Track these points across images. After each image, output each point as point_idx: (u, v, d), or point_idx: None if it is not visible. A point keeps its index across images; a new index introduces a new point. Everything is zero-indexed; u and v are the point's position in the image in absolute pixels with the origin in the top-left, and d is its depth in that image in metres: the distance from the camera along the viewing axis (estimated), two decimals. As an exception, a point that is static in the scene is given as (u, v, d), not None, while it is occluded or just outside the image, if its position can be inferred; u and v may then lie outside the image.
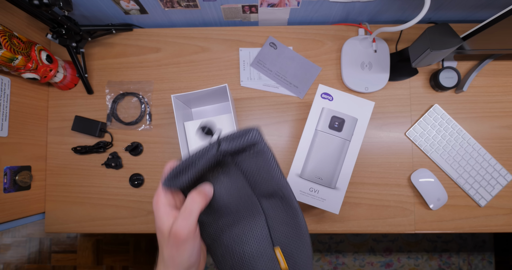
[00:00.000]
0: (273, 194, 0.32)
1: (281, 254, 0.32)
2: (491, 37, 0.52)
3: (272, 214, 0.33)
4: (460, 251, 1.43)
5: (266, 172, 0.31)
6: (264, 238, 0.33)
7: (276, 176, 0.31)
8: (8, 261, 1.46)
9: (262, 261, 0.32)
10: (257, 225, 0.33)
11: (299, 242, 0.33)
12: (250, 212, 0.33)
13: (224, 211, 0.33)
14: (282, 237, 0.33)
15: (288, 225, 0.33)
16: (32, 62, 0.56)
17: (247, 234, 0.33)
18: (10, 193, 0.58)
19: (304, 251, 0.33)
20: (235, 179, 0.32)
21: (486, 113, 0.67)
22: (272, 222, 0.33)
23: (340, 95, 0.53)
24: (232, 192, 0.32)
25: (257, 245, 0.32)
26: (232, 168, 0.31)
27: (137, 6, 0.63)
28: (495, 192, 0.65)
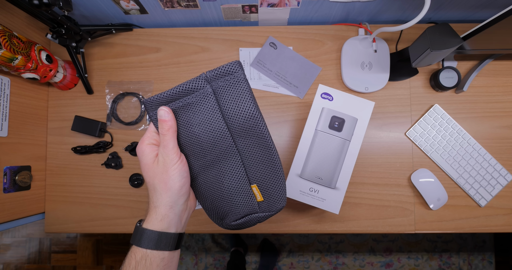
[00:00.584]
0: (248, 131, 0.34)
1: (257, 189, 0.37)
2: (491, 37, 0.52)
3: (248, 154, 0.36)
4: (460, 251, 1.43)
5: (241, 104, 0.33)
6: (241, 177, 0.36)
7: (250, 109, 0.33)
8: (8, 261, 1.46)
9: (240, 196, 0.36)
10: (233, 166, 0.36)
11: (274, 177, 0.36)
12: (226, 153, 0.35)
13: (200, 152, 0.35)
14: (258, 174, 0.36)
15: (264, 163, 0.36)
16: (32, 62, 0.56)
17: (224, 174, 0.36)
18: (10, 193, 0.58)
19: (278, 183, 0.36)
20: (211, 112, 0.33)
21: (486, 113, 0.67)
22: (248, 161, 0.36)
23: (340, 95, 0.53)
24: (207, 127, 0.34)
25: (234, 183, 0.36)
26: (210, 98, 0.33)
27: (137, 6, 0.63)
28: (495, 192, 0.65)
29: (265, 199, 0.37)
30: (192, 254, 1.45)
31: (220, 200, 0.37)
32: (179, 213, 0.33)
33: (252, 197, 0.37)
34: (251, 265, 1.43)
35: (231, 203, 0.36)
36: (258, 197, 0.37)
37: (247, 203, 0.37)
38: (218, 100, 0.33)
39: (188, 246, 1.45)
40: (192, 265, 1.45)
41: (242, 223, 0.38)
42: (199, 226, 0.66)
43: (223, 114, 0.33)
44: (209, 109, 0.33)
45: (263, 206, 0.37)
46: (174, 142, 0.33)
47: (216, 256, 1.44)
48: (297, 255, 1.44)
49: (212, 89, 0.33)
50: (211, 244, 1.45)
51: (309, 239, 1.44)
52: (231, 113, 0.33)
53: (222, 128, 0.34)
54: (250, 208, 0.37)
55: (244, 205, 0.37)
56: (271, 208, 0.37)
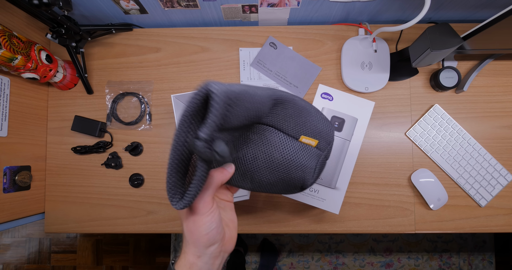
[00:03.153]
0: (273, 104, 0.33)
1: (306, 138, 0.35)
2: (491, 37, 0.52)
3: (277, 120, 0.34)
4: (461, 251, 1.43)
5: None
6: (285, 140, 0.35)
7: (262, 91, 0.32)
8: (7, 261, 1.46)
9: (301, 156, 0.35)
10: (269, 136, 0.34)
11: (313, 121, 0.36)
12: (258, 134, 0.34)
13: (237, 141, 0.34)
14: (299, 127, 0.35)
15: (297, 116, 0.35)
16: (31, 62, 0.56)
17: (270, 148, 0.34)
18: (9, 193, 0.58)
19: (321, 123, 0.36)
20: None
21: (487, 113, 0.67)
22: (281, 124, 0.34)
23: (340, 95, 0.53)
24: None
25: (285, 150, 0.34)
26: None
27: (137, 6, 0.63)
28: (496, 192, 0.65)
29: (319, 139, 0.36)
30: (192, 254, 1.45)
31: (289, 172, 0.35)
32: (209, 260, 0.31)
33: (308, 148, 0.36)
34: (251, 265, 1.43)
35: (299, 167, 0.35)
36: (312, 143, 0.36)
37: (311, 155, 0.36)
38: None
39: (188, 246, 1.45)
40: (192, 265, 1.44)
41: (317, 175, 0.38)
42: (199, 226, 0.65)
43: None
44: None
45: (321, 146, 0.37)
46: (214, 191, 0.30)
47: (216, 256, 1.44)
48: (297, 255, 1.44)
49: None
50: (211, 244, 1.45)
51: (309, 239, 1.44)
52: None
53: (253, 118, 0.33)
54: (315, 157, 0.36)
55: (311, 159, 0.36)
56: (327, 138, 0.37)
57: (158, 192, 0.67)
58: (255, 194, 0.66)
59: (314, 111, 0.36)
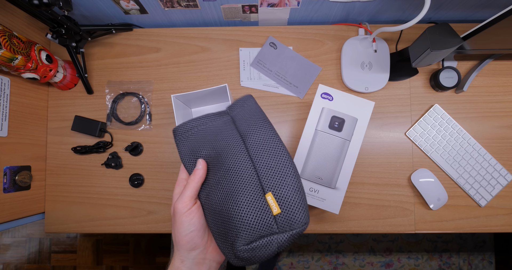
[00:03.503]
0: (262, 141, 0.34)
1: (273, 198, 0.30)
2: (491, 37, 0.52)
3: (261, 162, 0.32)
4: (460, 251, 1.43)
5: (255, 119, 0.37)
6: (252, 182, 0.31)
7: (261, 119, 0.37)
8: (8, 261, 1.46)
9: (252, 209, 0.30)
10: (241, 167, 0.32)
11: (291, 181, 0.30)
12: (231, 150, 0.34)
13: (214, 165, 0.35)
14: (273, 180, 0.31)
15: (276, 169, 0.31)
16: (32, 62, 0.56)
17: (231, 177, 0.32)
18: (10, 193, 0.58)
19: (297, 190, 0.30)
20: (228, 128, 0.37)
21: (487, 113, 0.67)
22: (260, 162, 0.32)
23: (340, 95, 0.53)
24: (221, 141, 0.36)
25: (244, 189, 0.31)
26: (227, 119, 0.39)
27: (137, 6, 0.63)
28: (496, 192, 0.65)
29: (282, 211, 0.29)
30: (192, 254, 1.45)
31: (228, 217, 0.30)
32: (192, 266, 0.31)
33: (267, 211, 0.29)
34: (251, 265, 1.43)
35: (241, 217, 0.29)
36: (274, 209, 0.29)
37: (261, 218, 0.29)
38: (235, 122, 0.39)
39: (188, 246, 1.45)
40: (192, 265, 1.44)
41: (256, 248, 0.29)
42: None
43: (241, 135, 0.36)
44: (223, 122, 0.39)
45: (281, 221, 0.29)
46: (192, 190, 0.32)
47: (216, 256, 1.44)
48: (297, 255, 1.44)
49: (231, 116, 0.40)
50: (211, 244, 1.45)
51: (309, 239, 1.44)
52: (247, 132, 0.35)
53: (239, 143, 0.35)
54: (265, 226, 0.29)
55: (258, 221, 0.29)
56: (292, 224, 0.29)
57: (158, 192, 0.67)
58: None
59: (300, 185, 0.31)
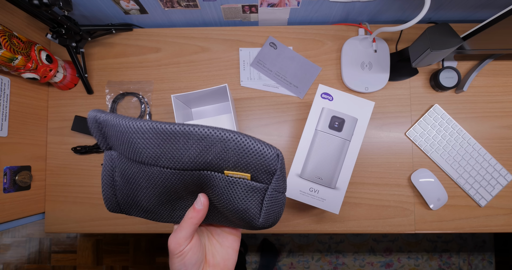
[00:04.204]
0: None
1: (232, 172, 0.27)
2: (491, 37, 0.52)
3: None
4: (460, 251, 1.43)
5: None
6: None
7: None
8: (8, 261, 1.46)
9: (237, 191, 0.28)
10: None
11: (228, 148, 0.26)
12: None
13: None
14: (214, 159, 0.27)
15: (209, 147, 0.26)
16: (32, 62, 0.56)
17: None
18: (10, 193, 0.58)
19: (248, 152, 0.26)
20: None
21: (486, 113, 0.67)
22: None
23: (340, 95, 0.53)
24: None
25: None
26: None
27: (137, 6, 0.63)
28: (495, 192, 0.65)
29: (252, 172, 0.27)
30: (192, 254, 1.45)
31: (233, 216, 0.30)
32: None
33: (241, 181, 0.27)
34: (251, 265, 1.43)
35: (236, 205, 0.28)
36: (244, 176, 0.27)
37: (245, 189, 0.27)
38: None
39: (188, 246, 1.45)
40: (192, 265, 1.44)
41: (267, 212, 0.28)
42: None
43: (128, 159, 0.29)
44: (130, 166, 0.30)
45: (260, 177, 0.27)
46: (188, 233, 0.28)
47: (216, 256, 1.44)
48: (297, 255, 1.44)
49: (115, 150, 0.30)
50: (211, 244, 1.45)
51: (309, 239, 1.44)
52: (125, 151, 0.29)
53: (152, 170, 0.29)
54: (252, 190, 0.28)
55: (246, 194, 0.28)
56: (266, 168, 0.26)
57: (158, 192, 0.67)
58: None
59: (233, 138, 0.25)
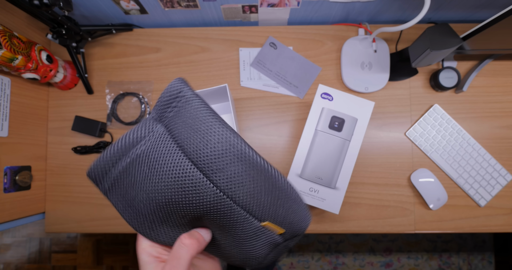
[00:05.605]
0: (228, 161, 0.23)
1: (271, 225, 0.25)
2: (491, 37, 0.52)
3: (237, 188, 0.23)
4: (460, 251, 1.43)
5: (202, 134, 0.23)
6: (244, 220, 0.24)
7: (218, 136, 0.22)
8: (8, 261, 1.46)
9: (255, 240, 0.26)
10: (226, 212, 0.24)
11: (288, 204, 0.26)
12: (206, 201, 0.24)
13: (171, 214, 0.25)
14: (266, 208, 0.24)
15: (268, 191, 0.24)
16: (32, 62, 0.56)
17: (221, 227, 0.25)
18: (10, 193, 0.58)
19: (297, 209, 0.26)
20: (171, 157, 0.23)
21: (486, 113, 0.67)
22: (243, 198, 0.23)
23: (340, 95, 0.53)
24: (169, 177, 0.23)
25: (238, 231, 0.25)
26: (164, 140, 0.24)
27: (137, 6, 0.63)
28: (495, 192, 0.65)
29: (287, 229, 0.27)
30: (192, 254, 1.45)
31: (241, 257, 0.27)
32: None
33: (269, 233, 0.26)
34: (251, 265, 1.43)
35: (248, 250, 0.26)
36: (277, 230, 0.26)
37: (267, 241, 0.26)
38: (174, 139, 0.23)
39: (188, 246, 1.45)
40: (192, 265, 1.44)
41: (272, 259, 0.28)
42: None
43: (186, 154, 0.22)
44: (167, 154, 0.23)
45: (287, 235, 0.27)
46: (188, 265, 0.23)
47: (216, 256, 1.44)
48: (297, 255, 1.44)
49: (164, 126, 0.24)
50: (211, 244, 1.45)
51: (309, 239, 1.45)
52: (195, 148, 0.22)
53: (188, 171, 0.22)
54: (272, 244, 0.27)
55: (265, 245, 0.26)
56: (296, 232, 0.27)
57: (158, 192, 0.67)
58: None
59: (295, 195, 0.26)
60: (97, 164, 0.25)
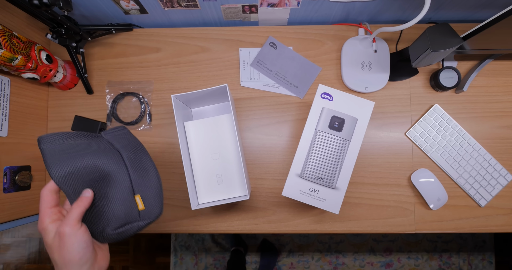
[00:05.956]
0: (136, 159, 0.44)
1: (140, 199, 0.42)
2: (491, 37, 0.52)
3: (133, 166, 0.43)
4: (460, 251, 1.43)
5: (127, 139, 0.46)
6: (126, 187, 0.42)
7: (132, 140, 0.46)
8: (8, 261, 1.46)
9: (123, 205, 0.41)
10: (120, 177, 0.41)
11: (154, 187, 0.44)
12: (113, 163, 0.41)
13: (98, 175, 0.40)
14: (142, 185, 0.43)
15: (145, 178, 0.44)
16: (32, 62, 0.56)
17: (111, 184, 0.41)
18: (10, 193, 0.58)
19: (157, 193, 0.44)
20: (108, 147, 0.43)
21: (486, 113, 0.67)
22: (133, 173, 0.43)
23: (340, 95, 0.53)
24: (104, 158, 0.40)
25: (120, 193, 0.41)
26: (105, 141, 0.44)
27: (137, 6, 0.63)
28: (495, 192, 0.65)
29: (146, 208, 0.42)
30: (192, 254, 1.45)
31: (103, 211, 0.39)
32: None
33: (134, 207, 0.42)
34: (251, 265, 1.43)
35: (114, 211, 0.40)
36: (140, 206, 0.42)
37: (129, 211, 0.41)
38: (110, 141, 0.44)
39: (188, 246, 1.45)
40: (192, 265, 1.45)
41: (122, 232, 0.40)
42: (199, 226, 0.66)
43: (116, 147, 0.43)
44: (99, 141, 0.42)
45: (143, 214, 0.42)
46: (80, 214, 0.34)
47: (216, 256, 1.44)
48: (297, 255, 1.44)
49: (107, 138, 0.45)
50: (211, 244, 1.45)
51: (309, 239, 1.45)
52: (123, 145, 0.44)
53: (117, 158, 0.42)
54: (131, 216, 0.41)
55: (126, 213, 0.40)
56: (150, 216, 0.42)
57: (158, 192, 0.67)
58: (255, 194, 0.66)
59: (160, 188, 0.45)
60: (54, 134, 0.39)
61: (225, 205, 0.66)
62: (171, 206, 0.66)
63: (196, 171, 0.58)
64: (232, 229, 0.65)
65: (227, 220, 0.66)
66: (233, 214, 0.66)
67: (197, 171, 0.58)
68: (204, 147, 0.58)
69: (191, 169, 0.57)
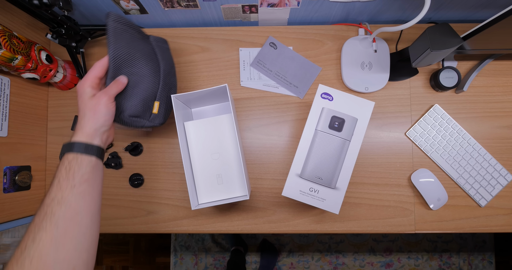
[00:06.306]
0: (169, 72, 0.57)
1: (157, 105, 0.54)
2: (491, 37, 0.52)
3: (162, 84, 0.54)
4: (461, 251, 1.43)
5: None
6: (153, 90, 0.53)
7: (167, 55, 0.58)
8: (7, 261, 1.46)
9: (144, 102, 0.51)
10: (153, 80, 0.52)
11: (168, 104, 0.56)
12: (152, 70, 0.53)
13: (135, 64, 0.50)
14: (164, 96, 0.55)
15: (168, 92, 0.56)
16: (31, 62, 0.56)
17: (143, 80, 0.51)
18: (9, 193, 0.58)
19: (167, 110, 0.57)
20: (151, 51, 0.54)
21: (486, 113, 0.67)
22: (163, 83, 0.54)
23: (340, 95, 0.53)
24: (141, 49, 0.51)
25: (146, 91, 0.51)
26: (150, 47, 0.55)
27: (137, 6, 0.63)
28: (496, 192, 0.65)
29: (157, 114, 0.54)
30: (192, 254, 1.45)
31: (129, 99, 0.49)
32: (100, 135, 0.43)
33: (150, 108, 0.53)
34: (251, 265, 1.43)
35: (136, 104, 0.50)
36: (155, 109, 0.53)
37: (145, 109, 0.52)
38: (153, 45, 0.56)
39: (188, 246, 1.45)
40: (192, 265, 1.45)
41: (132, 121, 0.51)
42: (199, 226, 0.66)
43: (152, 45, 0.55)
44: (147, 44, 0.54)
45: (152, 117, 0.53)
46: (116, 92, 0.45)
47: (216, 256, 1.44)
48: (297, 255, 1.44)
49: (153, 45, 0.56)
50: (211, 244, 1.45)
51: (309, 239, 1.45)
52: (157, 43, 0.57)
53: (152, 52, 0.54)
54: (144, 114, 0.52)
55: (143, 110, 0.51)
56: (155, 121, 0.54)
57: (158, 192, 0.67)
58: (255, 194, 0.66)
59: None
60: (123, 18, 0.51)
61: (225, 205, 0.66)
62: (171, 206, 0.66)
63: (196, 171, 0.58)
64: (232, 229, 0.65)
65: (227, 220, 0.66)
66: (233, 214, 0.66)
67: (197, 171, 0.58)
68: (204, 147, 0.58)
69: (191, 169, 0.57)
